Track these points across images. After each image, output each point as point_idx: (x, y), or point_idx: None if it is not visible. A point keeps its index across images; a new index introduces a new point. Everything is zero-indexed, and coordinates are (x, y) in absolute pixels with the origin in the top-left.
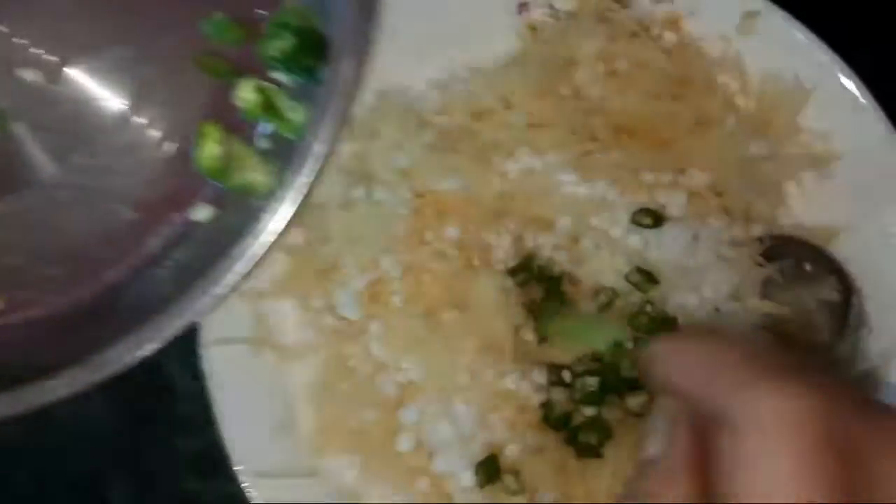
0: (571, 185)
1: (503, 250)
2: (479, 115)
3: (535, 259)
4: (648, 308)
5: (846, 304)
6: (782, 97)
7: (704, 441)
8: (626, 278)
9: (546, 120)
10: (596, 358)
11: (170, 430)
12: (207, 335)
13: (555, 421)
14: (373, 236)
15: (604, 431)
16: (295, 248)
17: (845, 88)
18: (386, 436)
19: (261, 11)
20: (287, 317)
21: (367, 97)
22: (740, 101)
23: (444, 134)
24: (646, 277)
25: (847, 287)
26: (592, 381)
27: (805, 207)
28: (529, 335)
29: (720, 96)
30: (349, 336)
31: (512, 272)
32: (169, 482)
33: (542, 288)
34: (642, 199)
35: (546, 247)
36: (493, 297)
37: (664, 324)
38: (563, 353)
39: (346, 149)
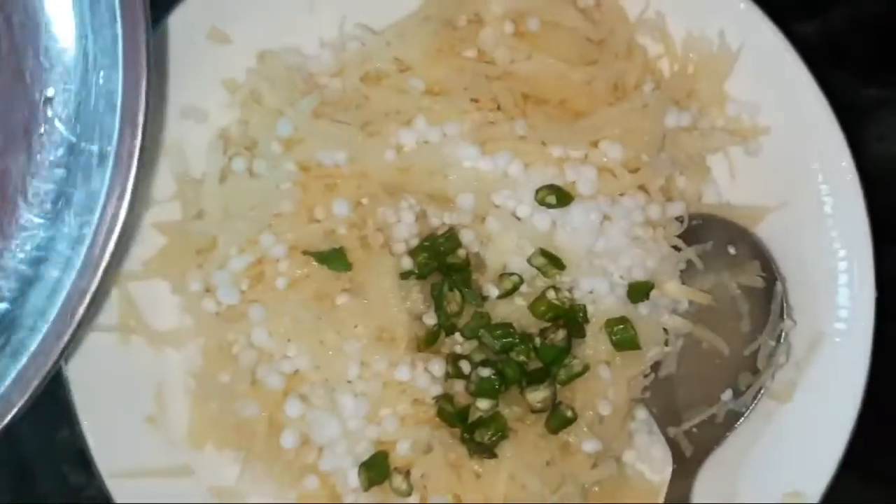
0: (472, 158)
1: (404, 229)
2: (373, 78)
3: (438, 240)
4: (552, 295)
5: (770, 292)
6: (707, 62)
7: None
8: (529, 262)
9: (445, 86)
10: (499, 349)
11: (53, 421)
12: None
13: (450, 416)
14: (253, 213)
15: (500, 428)
16: (169, 225)
17: (776, 55)
18: (269, 431)
19: None
20: (161, 301)
21: (248, 58)
22: (662, 66)
23: (333, 100)
24: (551, 261)
25: (771, 273)
26: (486, 371)
27: (731, 186)
28: (430, 322)
29: (639, 61)
30: (229, 322)
31: (412, 253)
32: (51, 475)
33: (444, 272)
34: (550, 175)
35: (449, 226)
36: (389, 281)
37: (569, 312)
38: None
39: (225, 115)
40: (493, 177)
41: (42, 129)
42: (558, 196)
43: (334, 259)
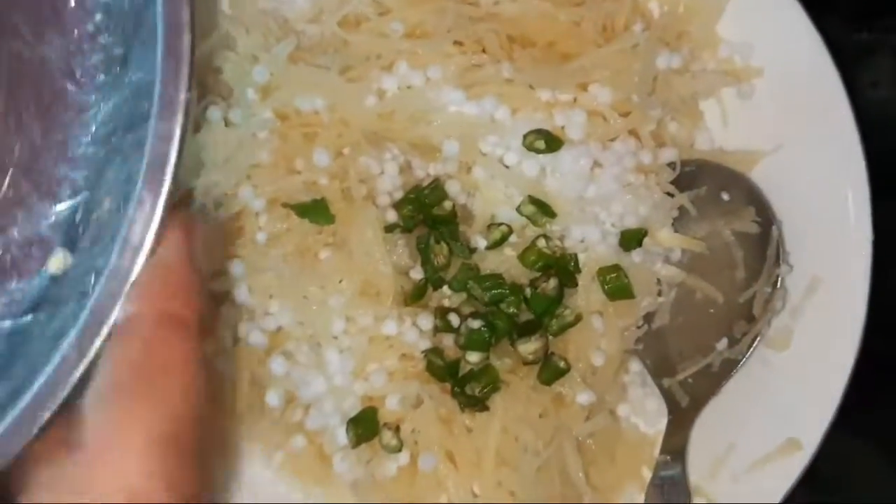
0: (457, 103)
1: (388, 181)
2: (351, 23)
3: (423, 192)
4: (542, 243)
5: (765, 238)
6: (698, 2)
7: None
8: (519, 210)
9: (427, 28)
10: (488, 301)
11: None
12: None
13: (440, 370)
14: (229, 164)
15: (492, 380)
16: None
17: None
18: (253, 390)
19: None
20: None
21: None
22: (652, 7)
23: (311, 46)
24: (540, 209)
25: (766, 218)
26: (476, 323)
27: (724, 131)
28: (417, 276)
29: (628, 1)
30: (209, 278)
31: (397, 206)
32: None
33: (430, 224)
34: (538, 120)
35: (434, 177)
36: (373, 234)
37: (560, 261)
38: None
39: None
40: (480, 122)
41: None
42: (547, 141)
43: (316, 211)
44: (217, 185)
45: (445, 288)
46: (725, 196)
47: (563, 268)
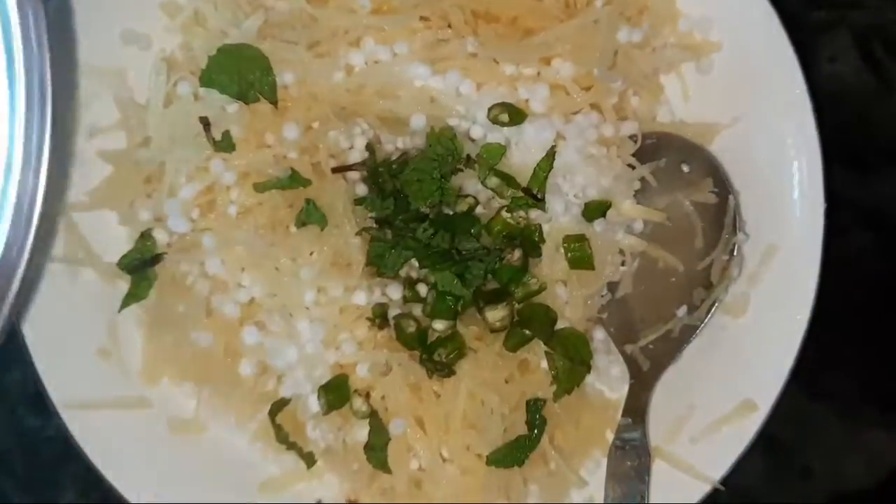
0: (423, 77)
1: (357, 155)
2: None
3: (392, 165)
4: (506, 214)
5: (723, 208)
6: None
7: None
8: (483, 182)
9: (394, 4)
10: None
11: (2, 364)
12: None
13: (409, 339)
14: (200, 139)
15: (458, 346)
16: (114, 153)
17: None
18: (226, 361)
19: None
20: (109, 232)
21: None
22: None
23: (280, 21)
24: (504, 180)
25: (724, 189)
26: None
27: (685, 104)
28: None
29: None
30: (181, 251)
31: (366, 179)
32: (4, 419)
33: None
34: (502, 94)
35: (403, 151)
36: (343, 207)
37: (525, 231)
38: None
39: (170, 39)
40: (445, 95)
41: None
42: (511, 114)
43: (290, 181)
44: (188, 159)
45: (414, 259)
46: (685, 168)
47: (527, 238)
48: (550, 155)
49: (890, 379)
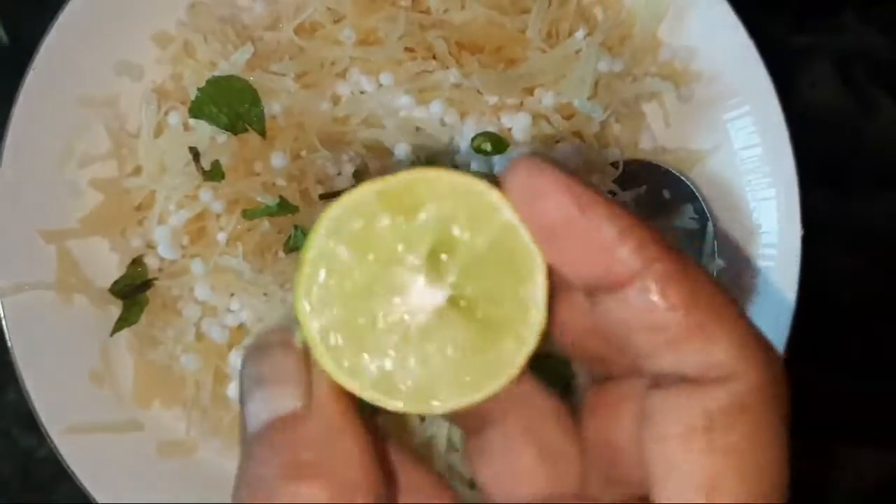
0: (407, 108)
1: (345, 181)
2: (307, 30)
3: None
4: None
5: (703, 233)
6: (641, 8)
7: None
8: None
9: (379, 35)
10: None
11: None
12: (4, 279)
13: None
14: (190, 168)
15: None
16: (106, 181)
17: (706, 2)
18: (215, 384)
19: None
20: (101, 259)
21: (179, 10)
22: (597, 11)
23: (267, 53)
24: None
25: (704, 215)
26: None
27: (666, 132)
28: None
29: (572, 7)
30: (172, 277)
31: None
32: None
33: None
34: (485, 123)
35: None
36: None
37: None
38: None
39: (161, 70)
40: (430, 125)
41: None
42: (493, 143)
43: (279, 207)
44: (178, 188)
45: None
46: (666, 194)
47: None
48: None
49: (866, 409)
